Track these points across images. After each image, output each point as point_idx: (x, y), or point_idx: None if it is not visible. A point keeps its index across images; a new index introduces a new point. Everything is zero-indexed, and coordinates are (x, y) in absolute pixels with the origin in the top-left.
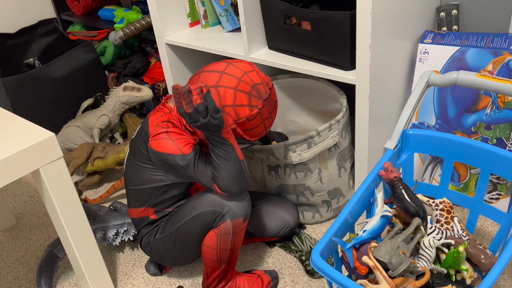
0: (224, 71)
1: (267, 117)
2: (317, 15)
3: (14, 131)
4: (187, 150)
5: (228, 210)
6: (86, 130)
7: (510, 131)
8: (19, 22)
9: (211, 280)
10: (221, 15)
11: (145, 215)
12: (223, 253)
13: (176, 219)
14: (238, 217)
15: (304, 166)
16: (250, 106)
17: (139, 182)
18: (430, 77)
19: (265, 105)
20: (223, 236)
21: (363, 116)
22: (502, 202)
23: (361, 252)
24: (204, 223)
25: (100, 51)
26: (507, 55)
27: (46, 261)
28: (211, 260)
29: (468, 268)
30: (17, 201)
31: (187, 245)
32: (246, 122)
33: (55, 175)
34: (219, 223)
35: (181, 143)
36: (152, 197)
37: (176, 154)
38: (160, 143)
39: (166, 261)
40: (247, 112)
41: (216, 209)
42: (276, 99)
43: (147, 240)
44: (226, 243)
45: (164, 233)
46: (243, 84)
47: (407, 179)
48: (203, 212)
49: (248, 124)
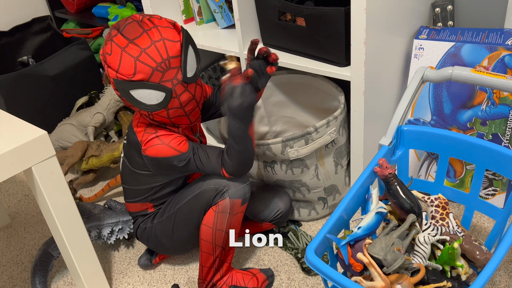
0: None
1: (125, 45)
2: (311, 11)
3: (6, 129)
4: (184, 148)
5: (229, 189)
6: (80, 128)
7: (505, 127)
8: (13, 19)
9: (206, 271)
10: (216, 12)
11: (144, 208)
12: (218, 234)
13: (177, 201)
14: (237, 197)
15: (301, 162)
16: (107, 41)
17: (136, 183)
18: (425, 73)
19: (120, 33)
20: (220, 214)
21: (358, 112)
22: (498, 198)
23: (355, 249)
24: (205, 200)
25: (95, 48)
26: (502, 51)
27: (41, 260)
28: (207, 242)
29: (463, 264)
30: (11, 200)
31: (186, 227)
32: (109, 58)
33: (48, 173)
34: (218, 200)
35: (175, 143)
36: (149, 194)
37: (174, 155)
38: (155, 149)
39: (162, 247)
40: (104, 49)
41: (217, 187)
42: (159, 37)
43: (144, 226)
44: (223, 222)
45: (163, 217)
46: (127, 19)
47: (402, 175)
48: (205, 189)
49: (112, 60)
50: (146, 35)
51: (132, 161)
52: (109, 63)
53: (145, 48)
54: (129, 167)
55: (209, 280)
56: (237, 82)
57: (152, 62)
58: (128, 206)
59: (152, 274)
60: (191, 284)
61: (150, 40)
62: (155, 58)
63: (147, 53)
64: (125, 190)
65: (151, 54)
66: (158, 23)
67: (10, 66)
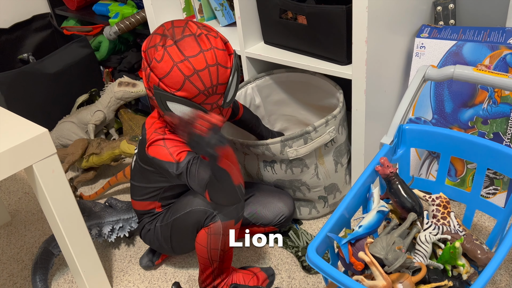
0: None
1: (180, 60)
2: (313, 9)
3: (7, 127)
4: (181, 158)
5: (219, 212)
6: (81, 126)
7: (506, 126)
8: (13, 17)
9: (205, 277)
10: (217, 10)
11: (151, 208)
12: (213, 252)
13: (173, 211)
14: (229, 219)
15: (300, 162)
16: (158, 45)
17: (146, 181)
18: (427, 71)
19: (175, 45)
20: (213, 236)
21: (360, 111)
22: (499, 197)
23: (357, 247)
24: (196, 221)
25: (95, 46)
26: (504, 49)
27: (41, 258)
28: (203, 258)
29: (465, 263)
30: (12, 198)
31: (181, 237)
32: (157, 65)
33: (49, 171)
34: (209, 223)
35: (175, 150)
36: (159, 194)
37: (170, 161)
38: (156, 150)
39: (164, 249)
40: (153, 53)
41: (207, 209)
42: (214, 62)
43: (149, 227)
44: (217, 243)
45: (163, 222)
46: (160, 27)
47: (404, 174)
48: (195, 210)
49: (160, 68)
50: (202, 56)
51: (142, 157)
52: (154, 69)
53: (198, 70)
54: (140, 163)
55: (208, 283)
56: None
57: (201, 85)
58: (134, 204)
59: (152, 272)
60: (192, 282)
61: (206, 63)
62: (206, 82)
63: (200, 76)
64: (133, 187)
65: (203, 77)
66: (214, 44)
67: (10, 63)
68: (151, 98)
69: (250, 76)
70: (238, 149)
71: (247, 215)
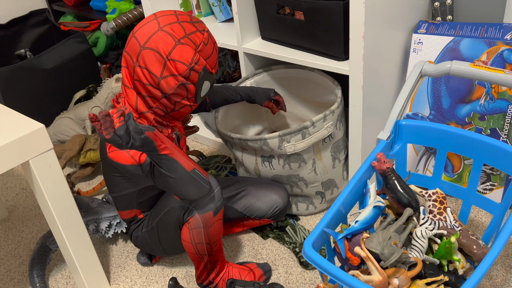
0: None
1: (214, 41)
2: (310, 4)
3: (3, 123)
4: (142, 159)
5: (195, 205)
6: (78, 122)
7: (503, 122)
8: (10, 12)
9: (200, 272)
10: (214, 5)
11: (134, 215)
12: (199, 246)
13: (154, 214)
14: (207, 210)
15: (298, 157)
16: (198, 30)
17: (117, 190)
18: (424, 67)
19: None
20: (194, 230)
21: (357, 106)
22: (495, 193)
23: (353, 243)
24: (176, 218)
25: (92, 42)
26: (501, 45)
27: (39, 254)
28: (191, 254)
29: (460, 258)
30: (9, 193)
31: (168, 238)
32: (204, 48)
33: (46, 167)
34: (188, 218)
35: (135, 152)
36: (134, 201)
37: (132, 164)
38: (116, 154)
39: (157, 252)
40: (200, 36)
41: (183, 205)
42: None
43: (136, 234)
44: (200, 237)
45: (148, 227)
46: (181, 16)
47: (400, 170)
48: (172, 207)
49: (206, 51)
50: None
51: (104, 162)
52: (201, 52)
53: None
54: (105, 171)
55: (204, 278)
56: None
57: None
58: (120, 214)
59: (150, 268)
60: (189, 278)
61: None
62: None
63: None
64: (113, 199)
65: None
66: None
67: (7, 59)
68: (181, 84)
69: (248, 72)
70: (236, 144)
71: (241, 209)
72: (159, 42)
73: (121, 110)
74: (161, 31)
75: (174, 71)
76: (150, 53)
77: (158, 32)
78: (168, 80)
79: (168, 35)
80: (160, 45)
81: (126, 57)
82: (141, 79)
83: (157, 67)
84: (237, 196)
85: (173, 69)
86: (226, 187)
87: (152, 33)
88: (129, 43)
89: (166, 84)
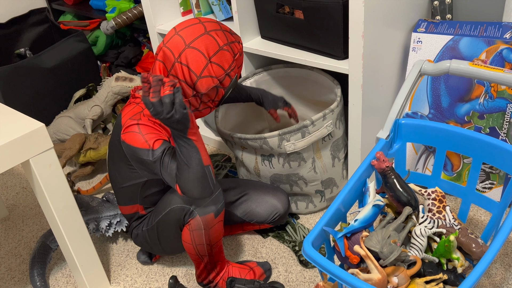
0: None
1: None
2: (309, 3)
3: (3, 122)
4: (156, 145)
5: (196, 207)
6: (78, 121)
7: (503, 121)
8: (10, 11)
9: (200, 272)
10: (214, 4)
11: (135, 211)
12: (200, 247)
13: (155, 214)
14: (208, 212)
15: (298, 156)
16: (236, 41)
17: (121, 180)
18: (423, 66)
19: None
20: (195, 232)
21: (356, 105)
22: (495, 192)
23: (352, 241)
24: (176, 219)
25: (92, 41)
26: (500, 44)
27: (39, 253)
28: (192, 254)
29: (459, 257)
30: (9, 192)
31: (168, 238)
32: (239, 57)
33: (46, 166)
34: (188, 220)
35: (151, 137)
36: (137, 195)
37: (144, 148)
38: (130, 136)
39: (156, 251)
40: (238, 47)
41: (184, 206)
42: None
43: (137, 232)
44: (200, 238)
45: (148, 226)
46: (223, 25)
47: (400, 168)
48: (173, 208)
49: (239, 60)
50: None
51: (113, 148)
52: (237, 60)
53: None
54: (111, 160)
55: (204, 277)
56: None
57: None
58: (121, 209)
59: (150, 266)
60: (189, 277)
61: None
62: None
63: None
64: (115, 193)
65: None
66: None
67: (7, 58)
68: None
69: (248, 72)
70: (236, 143)
71: (241, 214)
72: (205, 44)
73: (173, 81)
74: (207, 35)
75: (212, 73)
76: (194, 52)
77: (205, 35)
78: (205, 81)
79: (213, 40)
80: (205, 47)
81: (166, 52)
82: (177, 74)
83: (199, 66)
84: (237, 201)
85: (212, 71)
86: (227, 191)
87: (198, 34)
88: (172, 39)
89: (202, 84)
